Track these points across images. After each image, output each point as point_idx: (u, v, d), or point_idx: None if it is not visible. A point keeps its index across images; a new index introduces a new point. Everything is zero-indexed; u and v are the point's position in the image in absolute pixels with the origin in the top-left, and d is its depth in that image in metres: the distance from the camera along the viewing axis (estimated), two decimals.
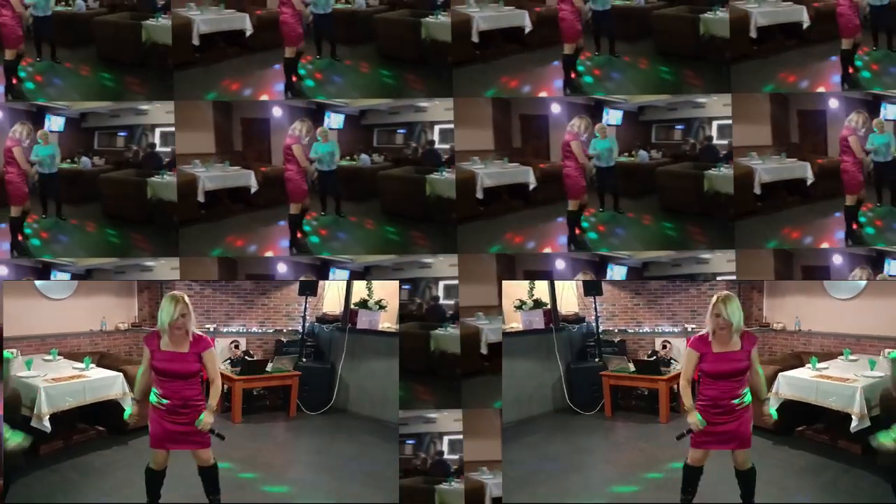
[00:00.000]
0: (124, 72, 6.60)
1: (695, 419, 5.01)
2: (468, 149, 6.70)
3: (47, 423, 6.28)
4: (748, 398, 5.01)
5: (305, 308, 8.64)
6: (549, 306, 8.47)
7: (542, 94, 6.68)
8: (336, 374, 8.44)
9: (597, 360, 8.51)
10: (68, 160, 6.61)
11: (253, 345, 9.01)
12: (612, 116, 6.75)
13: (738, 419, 4.97)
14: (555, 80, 6.70)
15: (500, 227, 6.65)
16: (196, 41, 6.58)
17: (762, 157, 6.74)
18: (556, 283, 8.29)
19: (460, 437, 6.44)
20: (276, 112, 6.68)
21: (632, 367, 8.42)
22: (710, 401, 4.99)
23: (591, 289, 8.37)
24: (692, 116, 6.75)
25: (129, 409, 6.65)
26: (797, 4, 6.77)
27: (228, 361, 8.65)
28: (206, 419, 5.12)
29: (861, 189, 6.67)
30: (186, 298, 5.10)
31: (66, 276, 6.54)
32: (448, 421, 6.46)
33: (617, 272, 6.69)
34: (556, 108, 6.71)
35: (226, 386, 8.18)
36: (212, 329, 8.90)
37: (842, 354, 7.53)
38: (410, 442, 6.43)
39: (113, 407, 6.87)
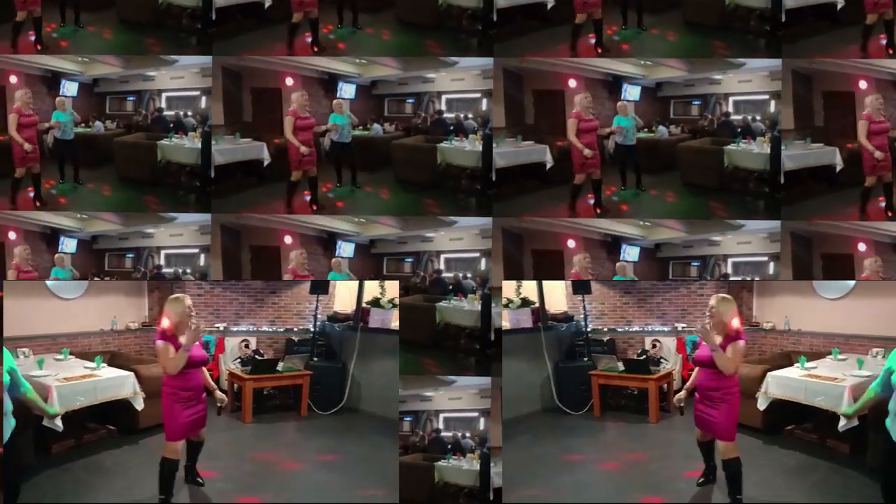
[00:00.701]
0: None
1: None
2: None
3: (59, 423, 6.41)
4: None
5: (317, 307, 8.73)
6: (536, 305, 8.54)
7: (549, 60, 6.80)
8: (348, 374, 8.49)
9: (586, 359, 8.60)
10: (82, 124, 6.98)
11: (263, 344, 9.11)
12: (630, 92, 6.87)
13: (720, 410, 5.63)
14: (569, 54, 6.81)
15: (516, 206, 6.78)
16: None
17: (785, 142, 6.77)
18: (544, 281, 8.37)
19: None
20: (289, 82, 6.87)
21: (621, 366, 8.53)
22: (699, 387, 5.83)
23: (580, 287, 8.43)
24: (709, 92, 6.87)
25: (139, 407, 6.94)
26: None
27: (238, 361, 8.76)
28: (221, 395, 6.23)
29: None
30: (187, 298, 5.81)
31: (73, 241, 6.84)
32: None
33: (630, 253, 6.79)
34: (572, 83, 6.80)
35: (236, 385, 8.40)
36: (221, 328, 9.02)
37: (830, 354, 7.70)
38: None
39: (124, 406, 7.06)
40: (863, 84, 6.72)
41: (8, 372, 5.34)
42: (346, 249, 6.87)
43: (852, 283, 7.80)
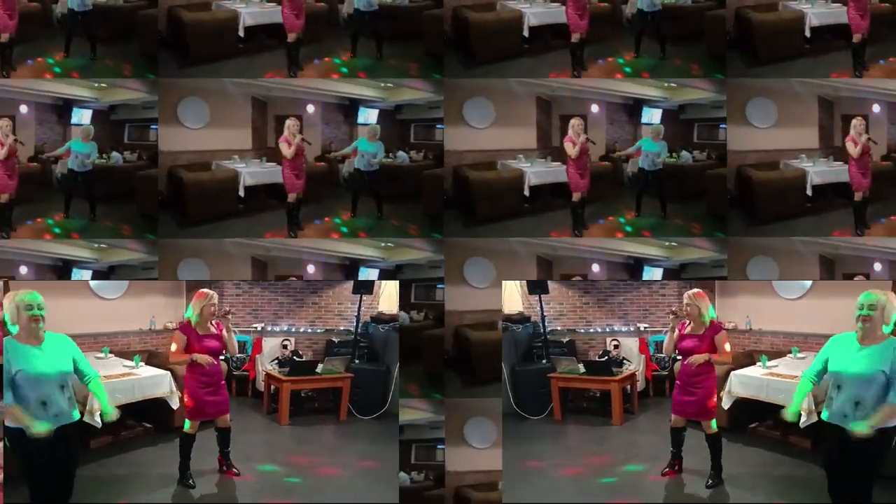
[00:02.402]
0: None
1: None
2: (510, 147, 7.30)
3: (98, 419, 6.91)
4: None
5: (359, 307, 8.90)
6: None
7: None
8: (392, 377, 8.42)
9: (544, 361, 8.75)
10: (98, 156, 7.16)
11: (302, 345, 9.39)
12: (652, 115, 7.26)
13: (699, 395, 6.67)
14: (595, 77, 7.24)
15: (543, 223, 7.23)
16: None
17: (811, 160, 7.28)
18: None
19: None
20: (310, 109, 7.32)
21: (582, 368, 8.73)
22: (681, 375, 6.79)
23: (536, 287, 8.54)
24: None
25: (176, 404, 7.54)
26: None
27: (276, 362, 9.09)
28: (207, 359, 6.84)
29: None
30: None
31: (88, 272, 7.11)
32: None
33: (655, 274, 7.07)
34: (595, 108, 7.29)
35: (273, 387, 8.79)
36: (259, 328, 9.36)
37: (790, 353, 8.28)
38: None
39: (160, 405, 7.64)
40: (876, 108, 7.23)
41: (73, 359, 5.70)
42: (371, 275, 7.23)
43: (809, 283, 8.27)
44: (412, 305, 7.19)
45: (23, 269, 7.12)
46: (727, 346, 6.74)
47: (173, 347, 6.71)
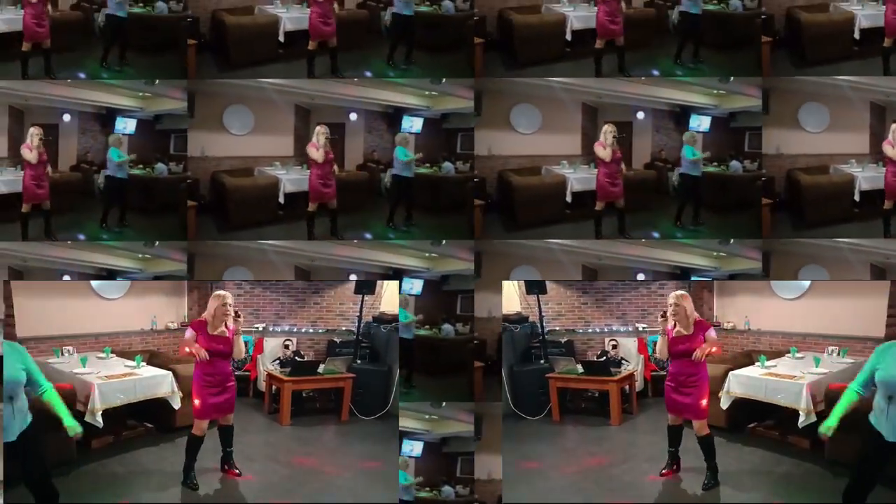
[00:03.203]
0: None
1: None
2: (555, 153, 7.41)
3: (100, 419, 7.20)
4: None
5: (361, 307, 8.96)
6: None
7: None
8: (393, 378, 8.49)
9: (542, 361, 8.79)
10: (140, 166, 7.28)
11: (304, 345, 9.44)
12: (700, 123, 7.28)
13: (692, 395, 6.78)
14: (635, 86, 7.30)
15: (584, 229, 7.32)
16: None
17: (861, 165, 7.35)
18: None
19: None
20: (353, 117, 7.41)
21: (580, 368, 8.79)
22: (673, 375, 6.91)
23: (534, 287, 8.60)
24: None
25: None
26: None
27: (277, 362, 9.15)
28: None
29: None
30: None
31: (127, 282, 7.32)
32: None
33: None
34: (640, 115, 7.37)
35: (274, 387, 8.86)
36: (260, 328, 9.39)
37: (789, 353, 8.39)
38: None
39: (161, 405, 7.73)
40: None
41: (24, 370, 5.70)
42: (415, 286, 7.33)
43: (807, 283, 8.33)
44: (458, 318, 7.28)
45: (66, 278, 7.27)
46: (711, 340, 6.83)
47: (189, 339, 6.82)
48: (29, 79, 7.19)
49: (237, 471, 6.97)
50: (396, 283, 7.30)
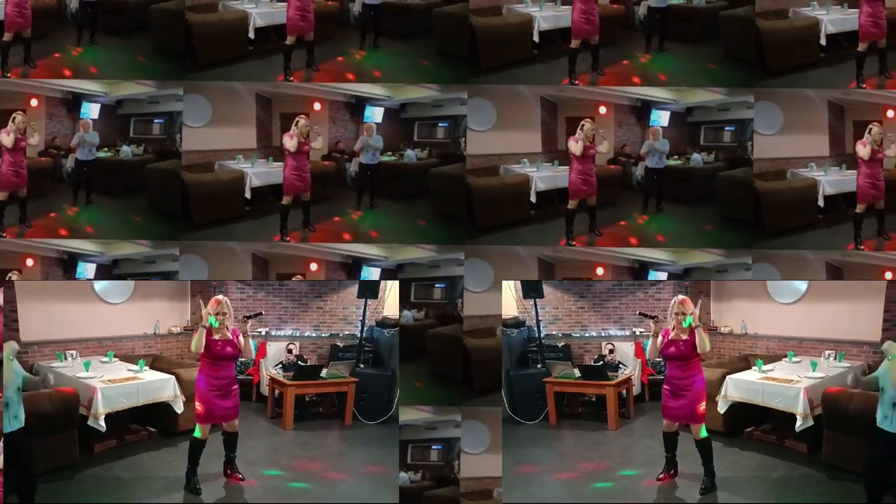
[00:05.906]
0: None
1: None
2: (514, 151, 7.44)
3: (102, 423, 7.34)
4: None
5: (364, 311, 9.11)
6: None
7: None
8: (397, 382, 8.44)
9: (539, 366, 8.92)
10: (105, 149, 7.42)
11: (307, 349, 9.66)
12: (659, 117, 7.41)
13: (687, 398, 6.82)
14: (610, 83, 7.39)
15: (551, 231, 7.39)
16: None
17: (822, 168, 7.32)
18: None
19: None
20: (316, 107, 7.44)
21: (577, 372, 8.91)
22: (668, 378, 6.92)
23: (531, 291, 8.70)
24: (745, 118, 7.30)
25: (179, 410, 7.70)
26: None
27: (280, 366, 9.32)
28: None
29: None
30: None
31: (93, 265, 7.30)
32: None
33: (660, 278, 7.40)
34: (602, 110, 7.43)
35: (277, 391, 9.01)
36: (263, 333, 9.61)
37: (786, 357, 8.54)
38: None
39: (164, 409, 7.88)
40: (890, 113, 7.24)
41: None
42: (374, 274, 7.40)
43: (804, 288, 8.57)
44: (412, 304, 7.41)
45: (29, 262, 7.32)
46: (703, 335, 6.86)
47: (193, 343, 6.91)
48: (8, 69, 7.35)
49: (240, 475, 7.07)
50: (397, 283, 7.41)
